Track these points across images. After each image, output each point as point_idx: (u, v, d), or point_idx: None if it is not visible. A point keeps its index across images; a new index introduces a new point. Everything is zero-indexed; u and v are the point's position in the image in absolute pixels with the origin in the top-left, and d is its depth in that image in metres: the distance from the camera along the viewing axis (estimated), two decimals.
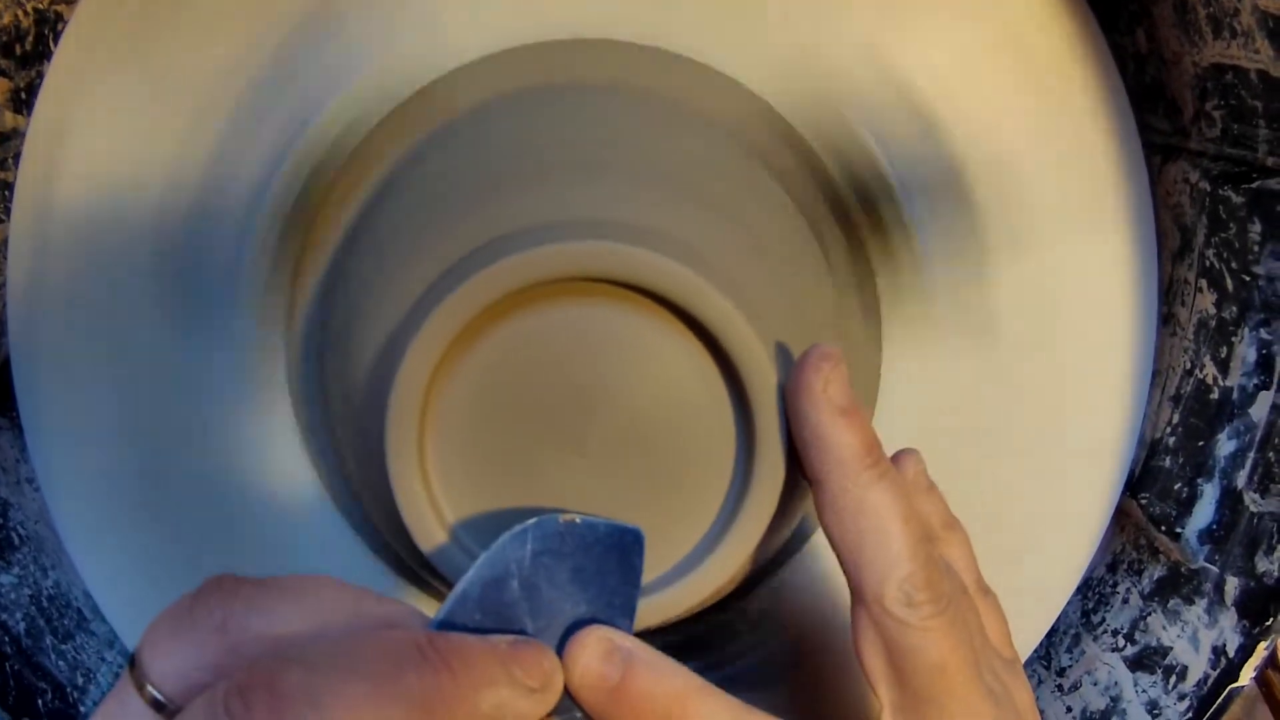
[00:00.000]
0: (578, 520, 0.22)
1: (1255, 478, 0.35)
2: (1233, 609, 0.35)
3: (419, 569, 0.31)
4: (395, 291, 0.27)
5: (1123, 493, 0.38)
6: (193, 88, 0.32)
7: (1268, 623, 0.34)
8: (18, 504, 0.37)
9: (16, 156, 0.35)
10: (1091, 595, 0.40)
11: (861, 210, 0.33)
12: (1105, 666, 0.38)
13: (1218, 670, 0.35)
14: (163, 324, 0.35)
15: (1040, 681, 0.40)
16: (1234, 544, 0.35)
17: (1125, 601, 0.38)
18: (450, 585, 0.22)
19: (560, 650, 0.22)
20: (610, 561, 0.22)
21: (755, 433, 0.25)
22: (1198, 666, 0.35)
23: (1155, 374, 0.37)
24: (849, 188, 0.33)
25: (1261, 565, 0.34)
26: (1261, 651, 0.34)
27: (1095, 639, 0.39)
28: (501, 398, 0.25)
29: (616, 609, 0.23)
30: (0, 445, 0.37)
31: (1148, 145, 0.36)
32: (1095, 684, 0.38)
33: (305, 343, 0.33)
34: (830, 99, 0.33)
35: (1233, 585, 0.35)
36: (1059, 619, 0.40)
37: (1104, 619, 0.39)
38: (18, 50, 0.34)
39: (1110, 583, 0.39)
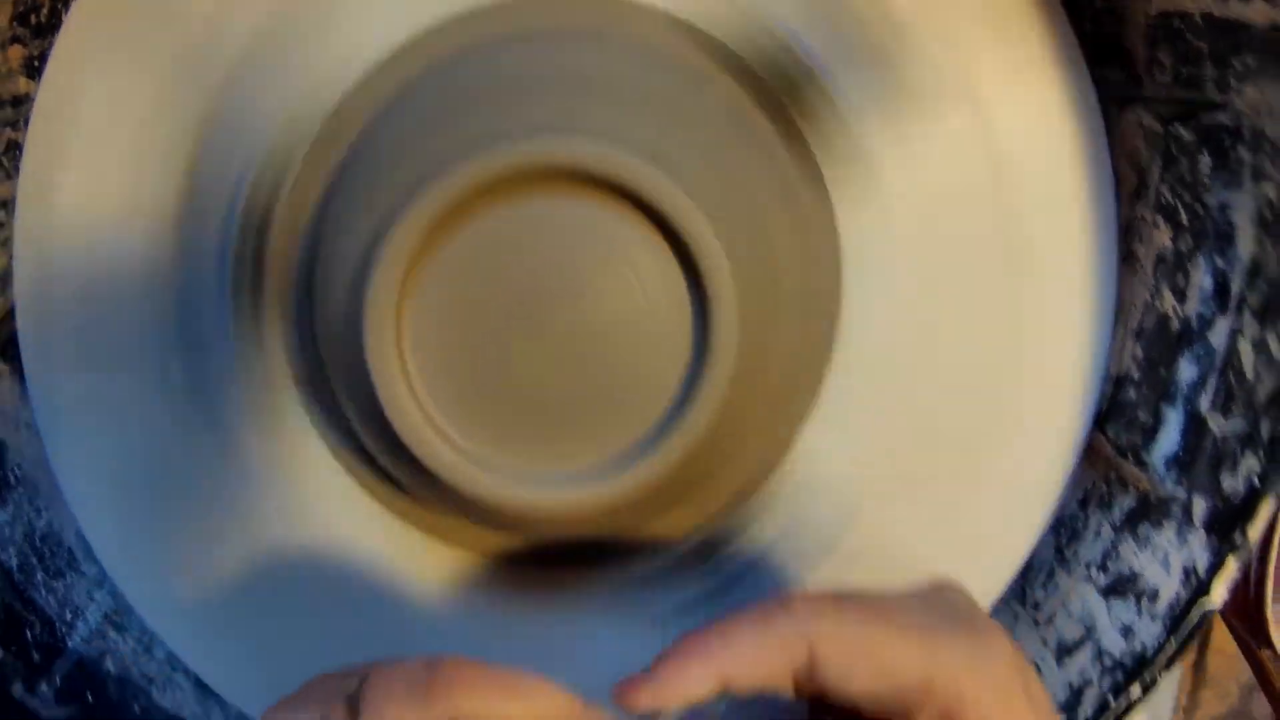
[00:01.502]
0: None
1: (1217, 401, 0.36)
2: (1201, 529, 0.36)
3: (394, 463, 0.32)
4: (373, 202, 0.28)
5: (1091, 428, 0.39)
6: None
7: (1235, 539, 0.35)
8: (15, 446, 0.38)
9: (27, 119, 0.37)
10: (1064, 531, 0.41)
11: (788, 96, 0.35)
12: (1079, 598, 0.39)
13: (1189, 590, 0.36)
14: (162, 268, 0.36)
15: (1016, 617, 0.41)
16: (1200, 467, 0.36)
17: (1097, 534, 0.39)
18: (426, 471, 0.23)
19: None
20: None
21: (710, 317, 0.26)
22: (1169, 588, 0.36)
23: (1118, 311, 0.39)
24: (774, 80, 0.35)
25: (1227, 484, 0.35)
26: (1231, 569, 0.35)
27: (1069, 572, 0.40)
28: (473, 287, 0.26)
29: None
30: (0, 390, 0.38)
31: (1103, 97, 0.38)
32: (1070, 615, 0.39)
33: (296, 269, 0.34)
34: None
35: (1200, 506, 0.36)
36: (1034, 557, 0.41)
37: (1077, 552, 0.40)
38: (33, 20, 0.36)
39: (1082, 518, 0.40)
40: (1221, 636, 1.02)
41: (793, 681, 0.27)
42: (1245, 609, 0.66)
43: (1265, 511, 0.35)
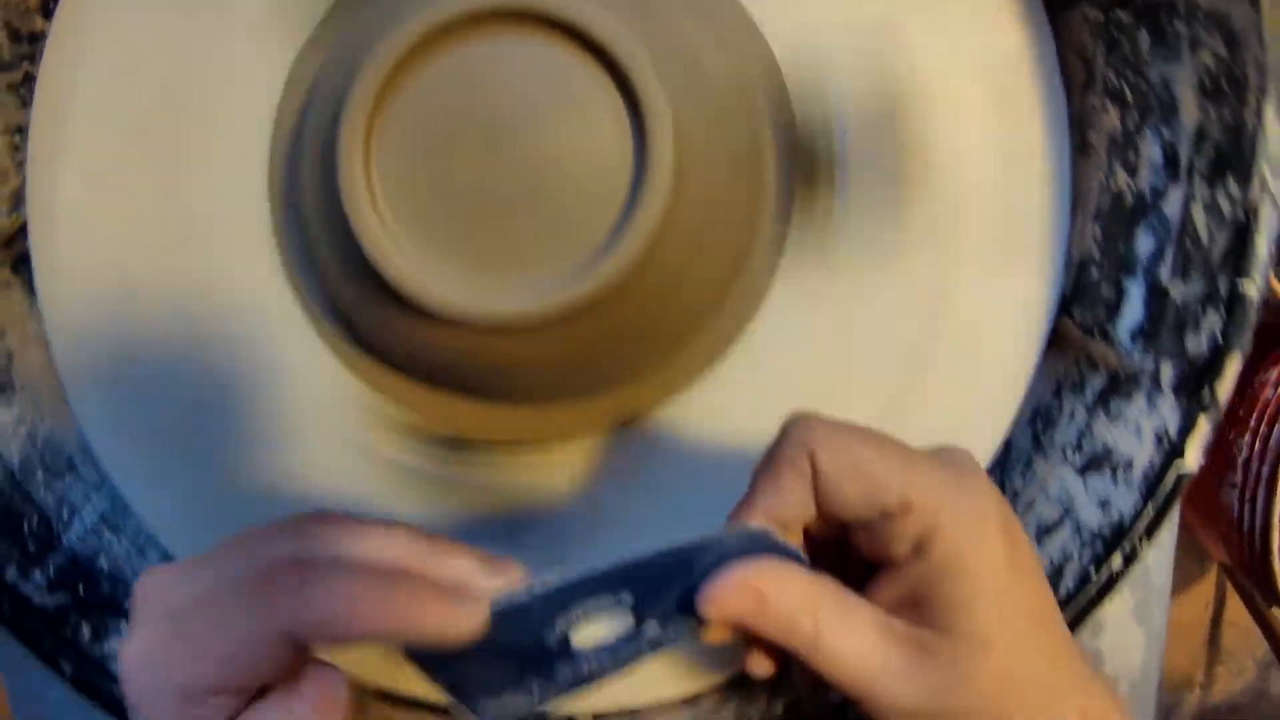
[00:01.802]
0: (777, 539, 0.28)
1: (1176, 268, 0.37)
2: (1170, 393, 0.36)
3: (359, 296, 0.33)
4: (344, 55, 0.31)
5: (1058, 315, 0.40)
6: None
7: (1204, 398, 0.35)
8: (23, 356, 0.40)
9: (41, 54, 0.40)
10: (1040, 421, 0.41)
11: None
12: (1057, 480, 0.39)
13: (1162, 454, 0.36)
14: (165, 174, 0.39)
15: None
16: (1164, 334, 0.37)
17: (1071, 417, 0.40)
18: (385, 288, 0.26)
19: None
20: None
21: (648, 150, 0.28)
22: (1143, 455, 0.36)
23: (1077, 198, 0.40)
24: None
25: (1191, 345, 0.36)
26: (1203, 429, 0.36)
27: (1046, 458, 0.40)
28: (435, 119, 0.29)
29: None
30: (11, 300, 0.40)
31: (1049, 3, 0.40)
32: (1048, 498, 0.39)
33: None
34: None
35: (1168, 372, 0.36)
36: (1012, 448, 0.41)
37: (1053, 438, 0.40)
38: None
39: (1056, 405, 0.40)
40: (1235, 609, 0.99)
41: (811, 499, 0.29)
42: (1253, 564, 0.65)
43: (1232, 369, 0.35)
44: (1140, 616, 0.44)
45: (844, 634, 0.28)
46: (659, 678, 0.41)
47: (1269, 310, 0.73)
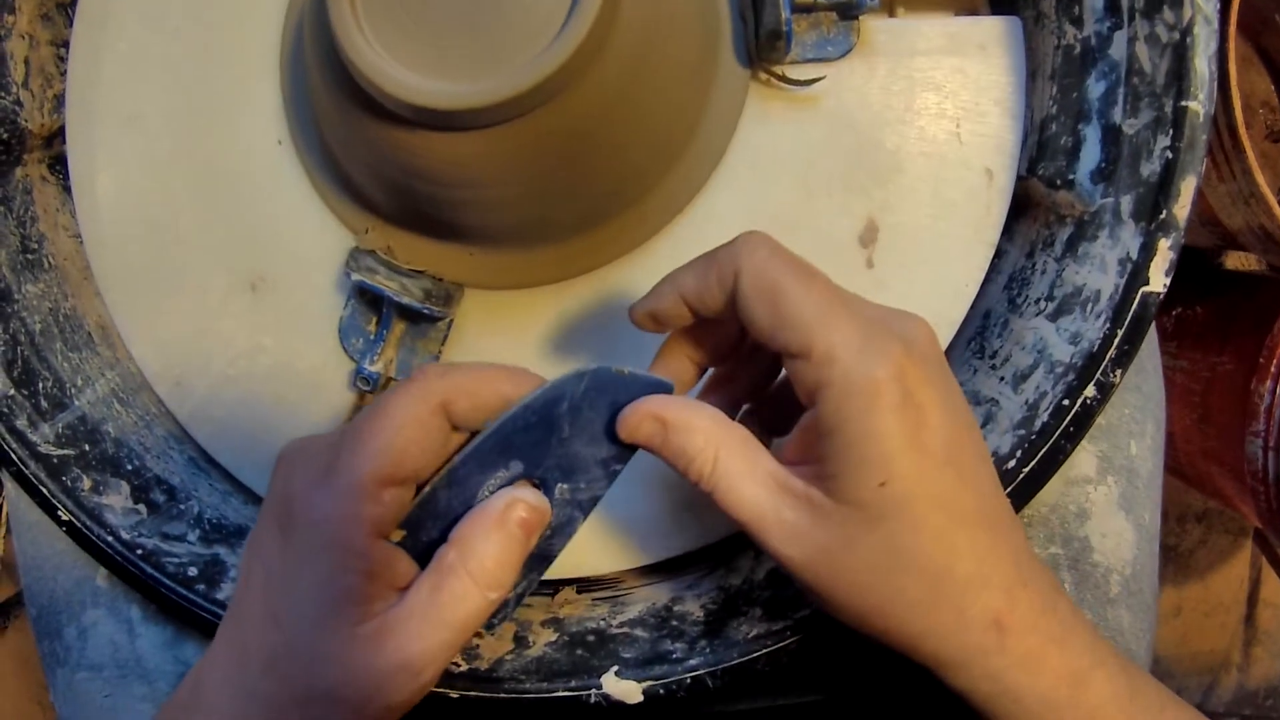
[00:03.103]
0: (625, 371, 0.30)
1: (1126, 106, 0.37)
2: (1130, 220, 0.36)
3: (345, 120, 0.36)
4: None
5: (1024, 176, 0.41)
6: None
7: (1161, 217, 0.36)
8: (52, 239, 0.44)
9: None
10: (1015, 283, 0.41)
11: None
12: (1032, 331, 0.39)
13: (1126, 277, 0.36)
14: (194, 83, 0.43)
15: (975, 371, 0.41)
16: (1121, 169, 0.37)
17: (1043, 273, 0.40)
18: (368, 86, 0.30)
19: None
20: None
21: None
22: (1108, 284, 0.36)
23: (1036, 66, 0.41)
24: None
25: (1145, 170, 0.36)
26: (1165, 251, 0.36)
27: (1021, 315, 0.40)
28: None
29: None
30: (46, 195, 0.44)
31: None
32: (1024, 349, 0.39)
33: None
34: None
35: (1126, 202, 0.37)
36: (990, 312, 0.41)
37: (1026, 296, 0.40)
38: None
39: (1029, 266, 0.41)
40: (1270, 588, 0.92)
41: (725, 303, 0.30)
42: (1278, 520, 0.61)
43: (1187, 188, 0.36)
44: (1126, 505, 0.42)
45: (740, 477, 0.29)
46: (640, 545, 0.41)
47: None
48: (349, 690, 0.28)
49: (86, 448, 0.40)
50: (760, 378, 0.35)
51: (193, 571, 0.38)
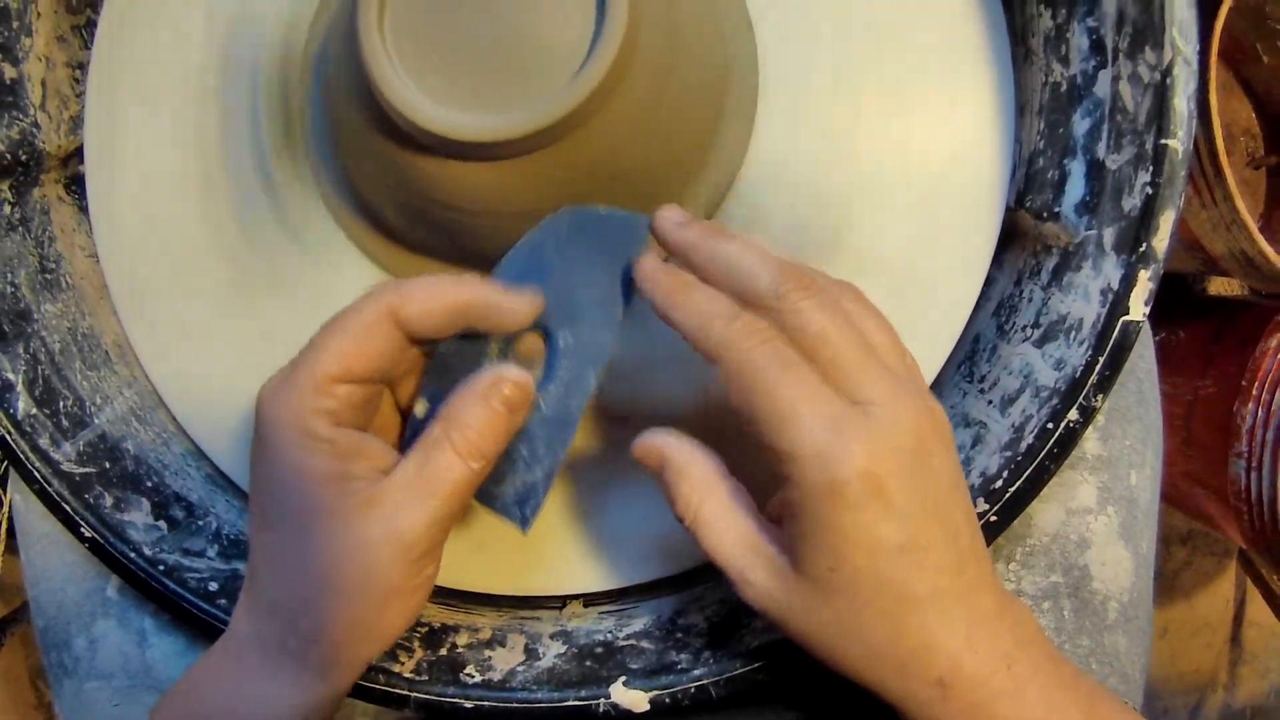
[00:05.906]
0: (602, 210, 0.32)
1: (1110, 142, 0.39)
2: (1111, 252, 0.38)
3: (373, 146, 0.37)
4: None
5: (1012, 208, 0.42)
6: None
7: (1142, 249, 0.37)
8: (69, 259, 0.45)
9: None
10: (1003, 310, 0.43)
11: None
12: (1019, 357, 0.41)
13: (1107, 307, 0.38)
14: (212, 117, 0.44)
15: (965, 394, 0.42)
16: (1104, 202, 0.39)
17: (1030, 300, 0.41)
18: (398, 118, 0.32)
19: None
20: (620, 242, 0.32)
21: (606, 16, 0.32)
22: (1091, 313, 0.38)
23: (1024, 101, 0.43)
24: None
25: (1126, 204, 0.38)
26: (1145, 282, 0.37)
27: (1009, 341, 0.42)
28: None
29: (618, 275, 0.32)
30: (63, 215, 0.46)
31: None
32: (1011, 373, 0.41)
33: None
34: None
35: (1109, 235, 0.39)
36: (979, 338, 0.43)
37: (1014, 322, 0.42)
38: None
39: (1017, 294, 0.42)
40: (1255, 608, 0.93)
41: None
42: (1264, 533, 0.63)
43: (1166, 222, 0.37)
44: (1125, 534, 0.44)
45: (718, 533, 0.31)
46: (645, 561, 0.42)
47: (1268, 280, 0.74)
48: (342, 572, 0.30)
49: (107, 465, 0.42)
50: None
51: (213, 586, 0.39)
